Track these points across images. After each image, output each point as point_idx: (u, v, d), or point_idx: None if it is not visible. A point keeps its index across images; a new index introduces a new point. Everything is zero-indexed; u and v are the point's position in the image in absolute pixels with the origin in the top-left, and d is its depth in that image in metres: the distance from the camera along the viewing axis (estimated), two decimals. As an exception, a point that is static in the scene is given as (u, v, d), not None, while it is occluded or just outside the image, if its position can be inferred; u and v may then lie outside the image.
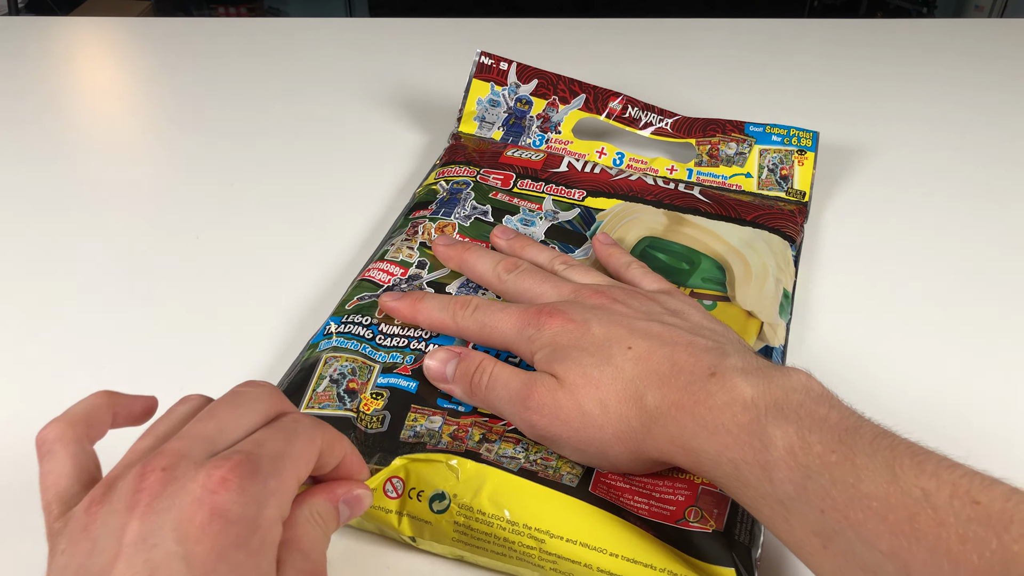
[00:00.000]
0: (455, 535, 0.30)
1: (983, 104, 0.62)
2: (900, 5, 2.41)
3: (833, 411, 0.27)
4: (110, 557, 0.22)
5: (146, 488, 0.23)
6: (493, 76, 0.54)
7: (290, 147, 0.57)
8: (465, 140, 0.53)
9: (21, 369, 0.40)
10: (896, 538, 0.23)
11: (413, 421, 0.34)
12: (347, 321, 0.38)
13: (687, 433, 0.28)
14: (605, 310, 0.33)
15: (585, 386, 0.31)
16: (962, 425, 0.37)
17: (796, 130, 0.49)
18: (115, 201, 0.52)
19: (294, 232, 0.49)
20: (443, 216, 0.45)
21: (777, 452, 0.26)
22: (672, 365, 0.30)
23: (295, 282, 0.44)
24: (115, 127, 0.61)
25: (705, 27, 0.74)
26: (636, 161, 0.51)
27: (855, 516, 0.24)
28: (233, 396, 0.27)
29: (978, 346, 0.41)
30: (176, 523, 0.22)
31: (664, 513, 0.30)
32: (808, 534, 0.25)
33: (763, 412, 0.27)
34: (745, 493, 0.27)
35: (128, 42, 0.73)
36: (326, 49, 0.70)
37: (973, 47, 0.71)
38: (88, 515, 0.24)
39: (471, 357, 0.34)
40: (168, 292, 0.44)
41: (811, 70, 0.67)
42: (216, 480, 0.23)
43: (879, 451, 0.25)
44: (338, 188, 0.52)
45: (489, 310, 0.35)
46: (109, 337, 0.41)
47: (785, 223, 0.45)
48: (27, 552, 0.32)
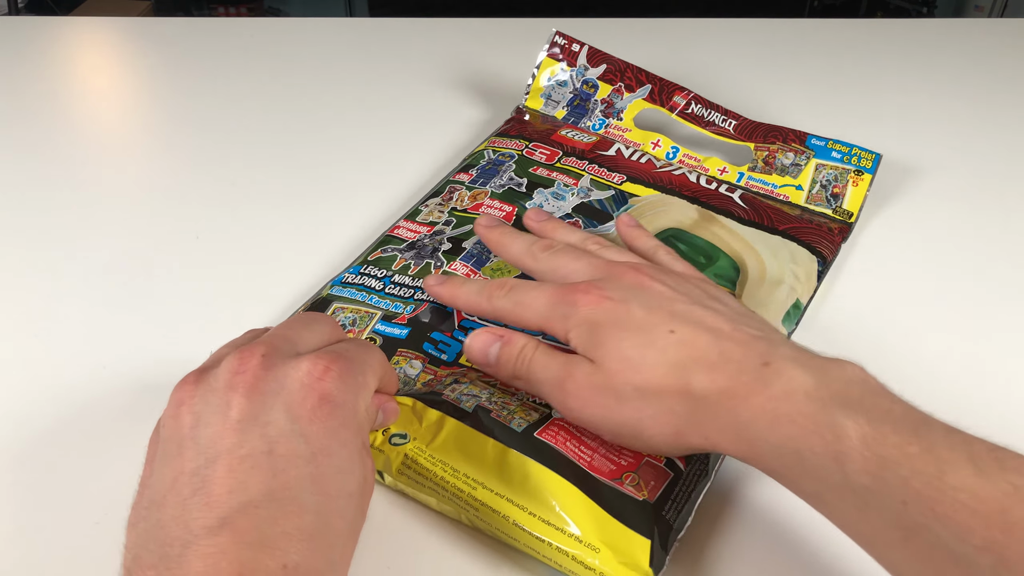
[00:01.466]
0: (400, 467, 0.32)
1: (983, 104, 0.62)
2: (900, 5, 2.41)
3: (896, 405, 0.27)
4: (219, 430, 0.25)
5: (248, 370, 0.26)
6: (565, 56, 0.54)
7: (290, 147, 0.57)
8: (530, 116, 0.54)
9: (21, 369, 0.40)
10: (990, 531, 0.23)
11: (395, 364, 0.36)
12: (364, 272, 0.41)
13: (742, 423, 0.28)
14: (644, 289, 0.32)
15: (624, 371, 0.30)
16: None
17: (859, 149, 0.48)
18: (115, 201, 0.52)
19: (294, 232, 0.49)
20: (480, 185, 0.46)
21: (850, 442, 0.25)
22: (720, 352, 0.29)
23: (295, 282, 0.44)
24: (115, 127, 0.61)
25: (705, 27, 0.74)
26: (689, 157, 0.50)
27: (942, 509, 0.23)
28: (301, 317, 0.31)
29: (984, 356, 0.41)
30: (287, 405, 0.25)
31: (603, 469, 0.31)
32: (886, 527, 0.25)
33: (828, 402, 0.26)
34: (809, 484, 0.27)
35: (128, 42, 0.73)
36: (326, 49, 0.70)
37: (973, 47, 0.71)
38: (183, 392, 0.26)
39: (513, 341, 0.33)
40: (168, 292, 0.44)
41: (811, 70, 0.67)
42: (321, 368, 0.26)
43: (956, 445, 0.24)
44: (337, 189, 0.52)
45: (523, 288, 0.34)
46: (109, 337, 0.41)
47: (819, 239, 0.45)
48: (28, 550, 0.32)
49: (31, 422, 0.37)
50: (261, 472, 0.24)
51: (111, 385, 0.39)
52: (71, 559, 0.32)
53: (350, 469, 0.26)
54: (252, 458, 0.24)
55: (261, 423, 0.25)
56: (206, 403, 0.26)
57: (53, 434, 0.36)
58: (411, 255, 0.42)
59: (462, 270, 0.41)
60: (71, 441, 0.36)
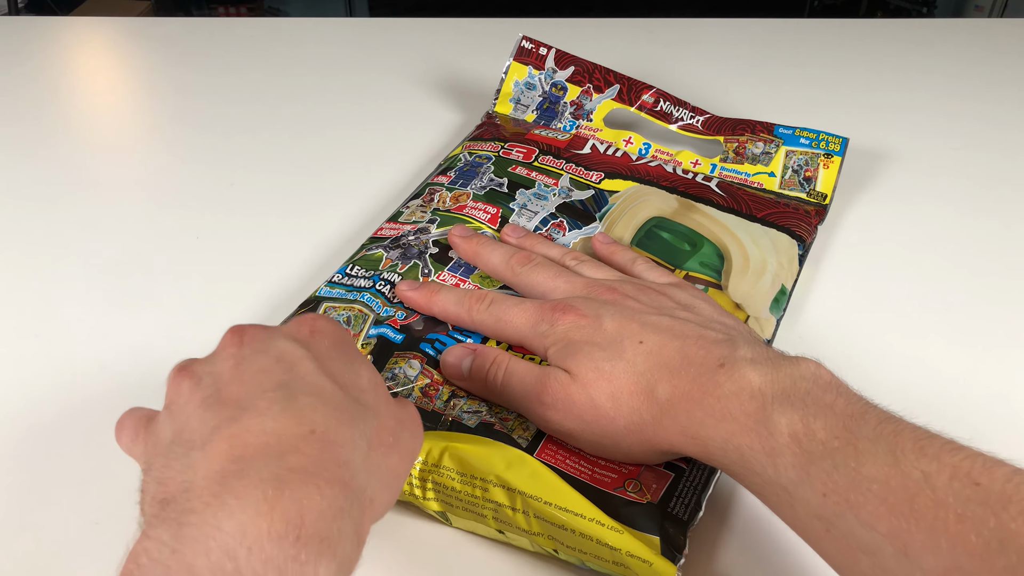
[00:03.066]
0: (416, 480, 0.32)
1: (983, 104, 0.62)
2: (900, 5, 2.40)
3: (840, 398, 0.27)
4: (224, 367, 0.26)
5: (240, 329, 0.27)
6: (532, 60, 0.55)
7: (290, 147, 0.57)
8: (500, 120, 0.54)
9: (21, 369, 0.40)
10: (895, 519, 0.23)
11: (393, 363, 0.36)
12: (350, 273, 0.41)
13: (696, 422, 0.29)
14: (617, 305, 0.34)
15: (597, 380, 0.31)
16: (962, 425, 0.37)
17: (825, 134, 0.49)
18: (115, 201, 0.52)
19: (294, 232, 0.49)
20: (460, 187, 0.46)
21: (782, 439, 0.27)
22: (683, 358, 0.31)
23: (295, 282, 0.44)
24: (115, 127, 0.61)
25: (705, 27, 0.74)
26: (662, 153, 0.51)
27: (855, 499, 0.24)
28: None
29: (969, 343, 0.41)
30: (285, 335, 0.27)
31: (604, 480, 0.32)
32: (811, 518, 0.26)
33: (770, 400, 0.28)
34: (752, 480, 0.28)
35: (128, 42, 0.73)
36: (326, 49, 0.70)
37: (973, 47, 0.71)
38: (179, 373, 0.27)
39: (486, 353, 0.35)
40: (168, 292, 0.44)
41: (811, 70, 0.67)
42: (308, 323, 0.28)
43: (883, 436, 0.25)
44: (336, 190, 0.52)
45: (504, 304, 0.36)
46: (109, 337, 0.41)
47: (797, 222, 0.45)
48: (28, 550, 0.32)
49: (31, 422, 0.37)
50: (271, 374, 0.25)
51: (111, 385, 0.39)
52: (71, 559, 0.32)
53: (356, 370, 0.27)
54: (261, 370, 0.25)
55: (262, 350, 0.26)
56: (207, 365, 0.26)
57: (53, 434, 0.36)
58: (397, 254, 0.42)
59: (450, 281, 0.40)
60: (71, 441, 0.36)
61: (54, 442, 0.36)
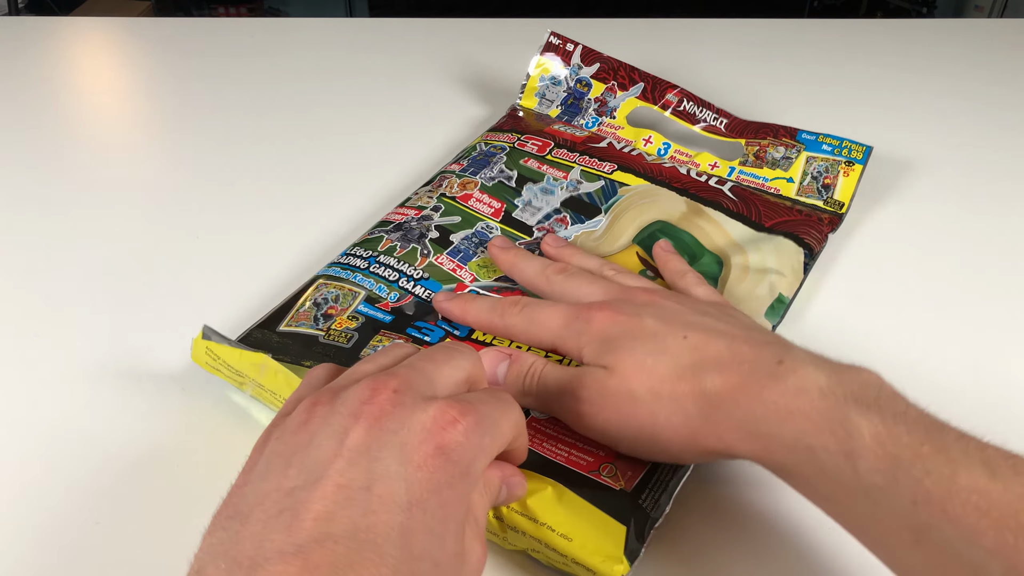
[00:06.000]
0: None
1: (983, 104, 0.62)
2: (900, 5, 2.40)
3: (910, 408, 0.26)
4: (329, 454, 0.24)
5: (376, 402, 0.25)
6: (559, 55, 0.55)
7: (290, 147, 0.57)
8: (524, 114, 0.55)
9: (21, 369, 0.40)
10: (1001, 534, 0.22)
11: (377, 342, 0.37)
12: (350, 254, 0.42)
13: (754, 418, 0.28)
14: (656, 306, 0.33)
15: (637, 373, 0.30)
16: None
17: (849, 142, 0.48)
18: (115, 201, 0.52)
19: (294, 231, 0.49)
20: (469, 174, 0.47)
21: (863, 440, 0.25)
22: (733, 354, 0.29)
23: (296, 282, 0.44)
24: (115, 127, 0.61)
25: (705, 27, 0.74)
26: (680, 153, 0.51)
27: (953, 510, 0.23)
28: (447, 348, 0.29)
29: (968, 349, 0.41)
30: (402, 446, 0.24)
31: (580, 463, 0.32)
32: (897, 528, 0.24)
33: (842, 400, 0.26)
34: (821, 484, 0.26)
35: (128, 42, 0.73)
36: (326, 49, 0.70)
37: (973, 47, 0.71)
38: (309, 412, 0.25)
39: (522, 359, 0.34)
40: (168, 292, 0.44)
41: (811, 70, 0.67)
42: (448, 418, 0.24)
43: (970, 449, 0.24)
44: (337, 190, 0.52)
45: (537, 306, 0.35)
46: (109, 337, 0.41)
47: (808, 230, 0.45)
48: (28, 550, 0.32)
49: (31, 422, 0.37)
50: (353, 507, 0.22)
51: (110, 385, 0.39)
52: (71, 559, 0.32)
53: (441, 534, 0.23)
54: (349, 489, 0.23)
55: (371, 457, 0.23)
56: (326, 424, 0.25)
57: (53, 434, 0.36)
58: (397, 236, 0.43)
59: (448, 264, 0.42)
60: (71, 441, 0.36)
61: (54, 442, 0.36)
